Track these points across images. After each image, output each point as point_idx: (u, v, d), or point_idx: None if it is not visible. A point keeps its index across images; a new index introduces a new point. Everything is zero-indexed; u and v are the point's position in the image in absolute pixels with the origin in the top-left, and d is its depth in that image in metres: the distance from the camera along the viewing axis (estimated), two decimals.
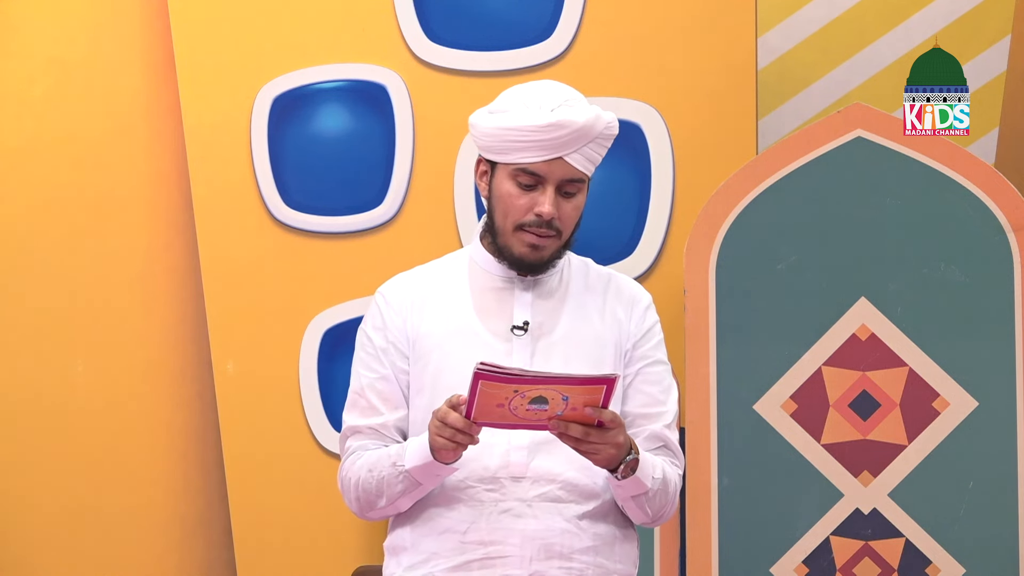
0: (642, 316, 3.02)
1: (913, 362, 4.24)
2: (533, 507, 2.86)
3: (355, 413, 2.97)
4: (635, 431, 2.95)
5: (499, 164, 2.91)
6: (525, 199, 2.89)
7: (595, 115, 2.88)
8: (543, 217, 2.88)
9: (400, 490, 2.86)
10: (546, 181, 2.88)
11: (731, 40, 4.53)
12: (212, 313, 4.55)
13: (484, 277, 2.97)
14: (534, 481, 2.87)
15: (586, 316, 2.97)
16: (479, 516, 2.86)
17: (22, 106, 4.60)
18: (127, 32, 4.60)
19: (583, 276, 3.02)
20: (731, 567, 4.24)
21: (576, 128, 2.86)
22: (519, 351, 2.90)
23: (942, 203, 4.26)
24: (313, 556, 4.52)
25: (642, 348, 3.00)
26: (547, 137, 2.85)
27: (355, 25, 4.57)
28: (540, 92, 2.90)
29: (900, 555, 4.22)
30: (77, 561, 4.55)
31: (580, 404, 2.71)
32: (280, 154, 4.57)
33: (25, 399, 4.56)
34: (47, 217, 4.58)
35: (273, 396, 4.55)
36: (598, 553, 2.90)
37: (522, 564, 2.85)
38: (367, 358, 2.98)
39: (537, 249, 2.91)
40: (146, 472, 4.56)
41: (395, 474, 2.85)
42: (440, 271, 3.01)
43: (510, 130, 2.87)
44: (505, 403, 2.69)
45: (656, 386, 2.99)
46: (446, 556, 2.87)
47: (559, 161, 2.87)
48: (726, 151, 4.51)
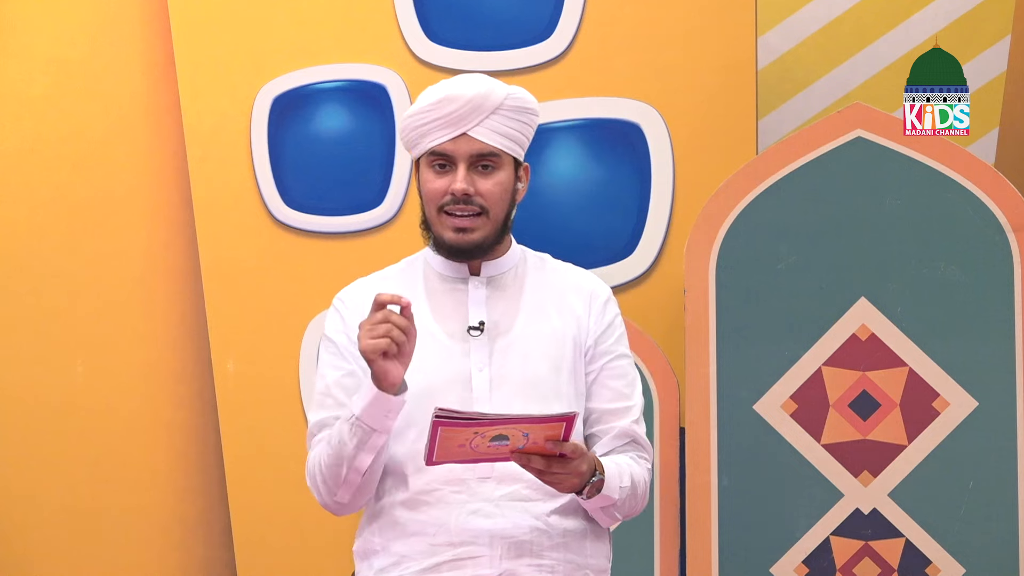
0: (601, 310, 3.01)
1: (913, 362, 4.24)
2: (501, 507, 2.87)
3: (322, 411, 2.95)
4: (603, 428, 2.95)
5: (420, 159, 2.95)
6: (440, 182, 2.92)
7: (488, 87, 2.91)
8: (457, 194, 2.90)
9: (355, 443, 2.82)
10: (456, 158, 2.91)
11: (731, 40, 4.53)
12: (212, 313, 4.55)
13: (438, 279, 2.98)
14: (500, 481, 2.87)
15: (543, 313, 2.96)
16: (447, 518, 2.86)
17: (22, 106, 4.60)
18: (127, 32, 4.61)
19: (540, 272, 3.01)
20: (731, 567, 4.24)
21: (467, 100, 2.89)
22: (476, 351, 2.90)
23: (942, 203, 4.26)
24: (313, 556, 4.52)
25: (604, 343, 2.99)
26: (441, 114, 2.89)
27: (355, 25, 4.58)
28: (444, 82, 2.95)
29: (900, 555, 4.22)
30: (77, 561, 4.55)
31: (541, 439, 2.71)
32: (280, 154, 4.57)
33: (25, 399, 4.56)
34: (47, 217, 4.58)
35: (273, 396, 4.55)
36: (568, 549, 2.90)
37: (492, 563, 2.85)
38: (331, 358, 2.97)
39: (464, 232, 2.92)
40: (146, 472, 4.56)
41: (347, 429, 2.82)
42: (396, 276, 3.03)
43: (412, 116, 2.93)
44: (466, 443, 2.70)
45: (621, 380, 2.98)
46: (416, 559, 2.87)
47: (464, 137, 2.90)
48: (726, 151, 4.51)
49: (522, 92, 2.95)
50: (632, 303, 4.49)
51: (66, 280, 4.58)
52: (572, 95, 4.49)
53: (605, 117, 4.51)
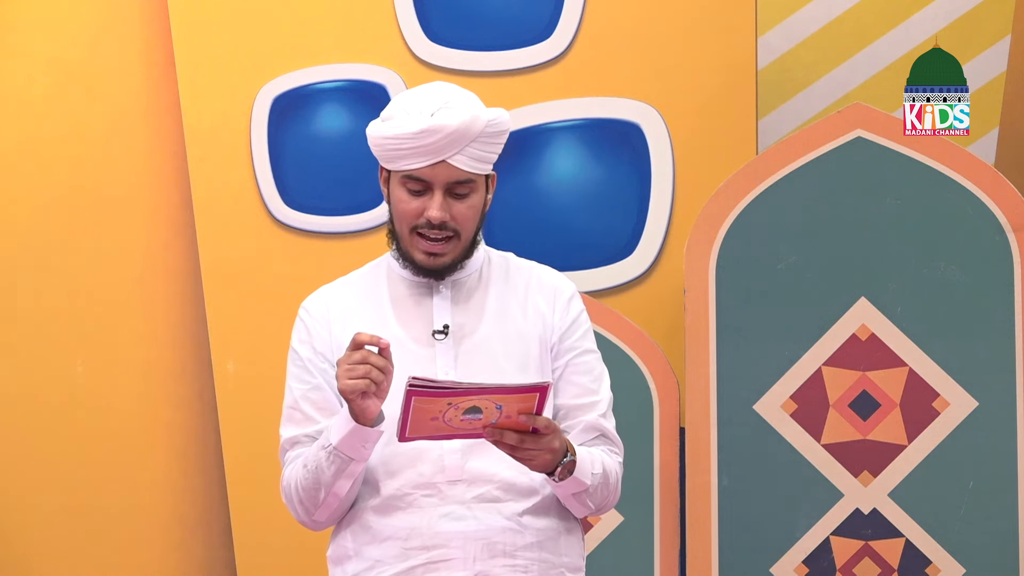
0: (565, 307, 3.00)
1: (913, 362, 4.24)
2: (472, 509, 2.87)
3: (291, 426, 2.96)
4: (571, 423, 2.95)
5: (392, 172, 2.92)
6: (415, 204, 2.89)
7: (471, 116, 2.86)
8: (432, 221, 2.88)
9: (333, 472, 2.82)
10: (433, 185, 2.88)
11: (731, 40, 4.53)
12: (212, 313, 4.55)
13: (401, 283, 2.97)
14: (470, 483, 2.87)
15: (508, 313, 2.96)
16: (419, 522, 2.86)
17: (22, 106, 4.60)
18: (127, 32, 4.61)
19: (503, 272, 3.01)
20: (731, 567, 4.24)
21: (450, 132, 2.84)
22: (442, 355, 2.90)
23: (942, 203, 4.26)
24: (313, 556, 4.51)
25: (569, 340, 2.98)
26: (423, 143, 2.85)
27: (355, 25, 4.58)
28: (422, 97, 2.89)
29: (900, 555, 4.22)
30: (77, 561, 4.55)
31: (514, 412, 2.71)
32: (280, 154, 4.57)
33: (25, 399, 4.56)
34: (47, 217, 4.58)
35: (273, 396, 4.52)
36: (542, 548, 2.90)
37: (466, 565, 2.85)
38: (297, 371, 2.97)
39: (436, 256, 2.91)
40: (146, 472, 4.56)
41: (324, 457, 2.82)
42: (360, 281, 3.01)
43: (391, 138, 2.88)
44: (439, 416, 2.69)
45: (587, 376, 2.98)
46: (390, 563, 2.87)
47: (443, 165, 2.87)
48: (726, 151, 4.51)
49: (500, 115, 2.91)
50: (632, 303, 4.49)
51: (66, 280, 4.58)
52: (572, 95, 4.49)
53: (605, 117, 4.51)
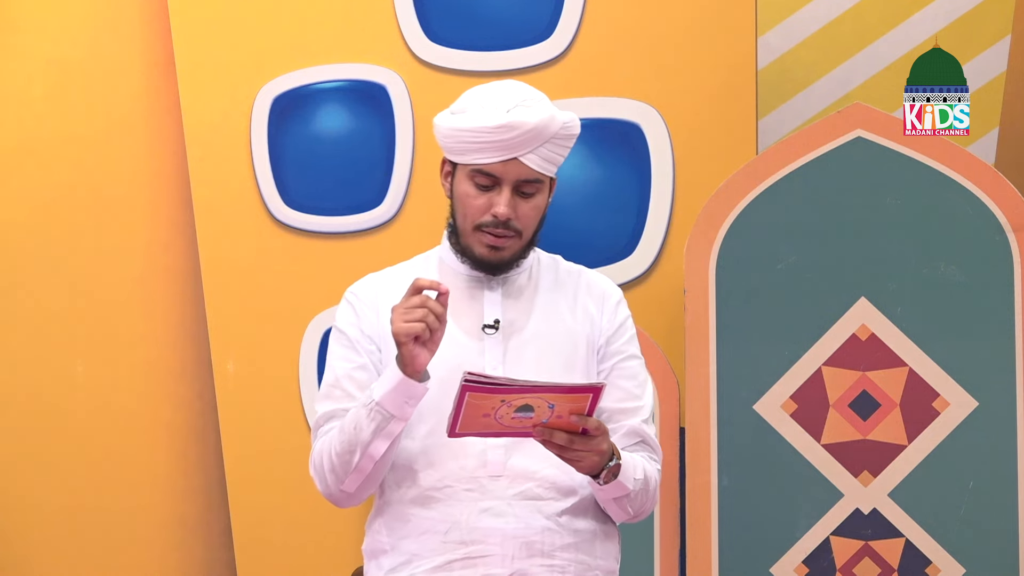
0: (613, 311, 3.01)
1: (913, 362, 4.24)
2: (513, 505, 2.86)
3: (329, 402, 2.93)
4: (613, 427, 2.94)
5: (459, 165, 2.92)
6: (482, 200, 2.89)
7: (549, 116, 2.88)
8: (499, 218, 2.88)
9: (372, 429, 2.80)
10: (502, 182, 2.88)
11: (731, 40, 4.53)
12: (212, 313, 4.55)
13: (453, 277, 2.96)
14: (512, 479, 2.86)
15: (557, 313, 2.96)
16: (459, 516, 2.85)
17: (22, 106, 4.60)
18: (127, 32, 4.61)
19: (553, 273, 3.02)
20: (731, 567, 4.24)
21: (528, 129, 2.85)
22: (491, 350, 2.90)
23: (942, 203, 4.26)
24: (313, 556, 4.52)
25: (615, 343, 2.99)
26: (500, 138, 2.86)
27: (355, 25, 4.58)
28: (498, 93, 2.90)
29: (900, 555, 4.23)
30: (77, 561, 4.55)
31: (566, 412, 2.71)
32: (280, 154, 4.57)
33: (25, 399, 4.56)
34: (47, 217, 4.58)
35: (273, 396, 4.55)
36: (579, 550, 2.89)
37: (504, 563, 2.84)
38: (342, 350, 2.94)
39: (496, 250, 2.91)
40: (146, 472, 4.56)
41: (365, 414, 2.80)
42: (410, 272, 3.00)
43: (465, 131, 2.87)
44: (491, 412, 2.68)
45: (631, 381, 2.98)
46: (427, 557, 2.86)
47: (514, 162, 2.87)
48: (726, 151, 4.51)
49: (573, 120, 2.93)
50: (632, 303, 4.44)
51: (66, 280, 4.58)
52: (572, 95, 4.48)
53: (605, 117, 4.50)
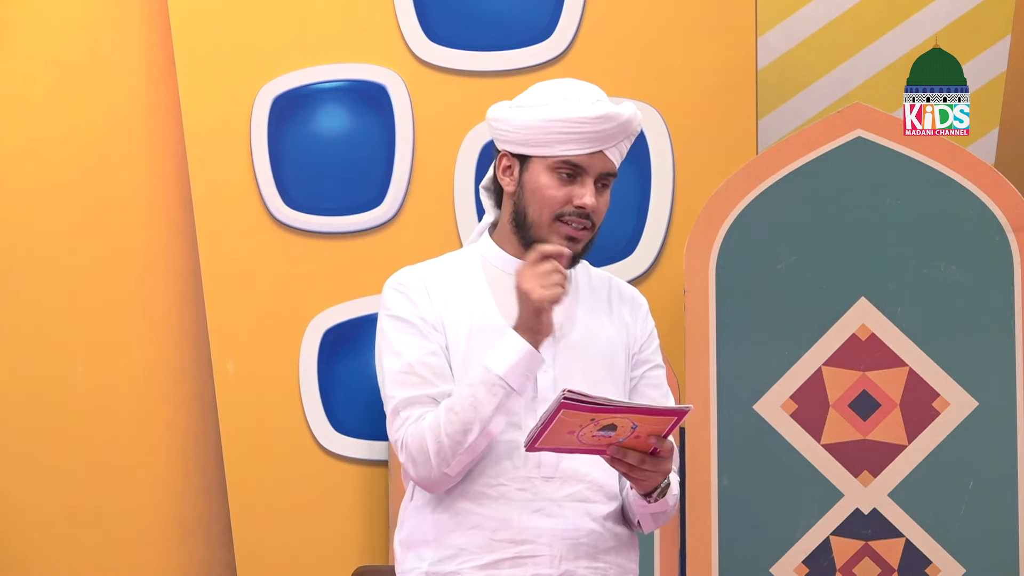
0: (644, 319, 3.03)
1: (913, 362, 4.24)
2: (563, 507, 2.86)
3: (406, 388, 2.86)
4: None
5: (533, 158, 2.89)
6: (564, 191, 2.89)
7: (634, 111, 2.91)
8: (585, 208, 2.89)
9: (494, 406, 2.77)
10: (586, 173, 2.89)
11: (731, 40, 4.53)
12: (212, 313, 4.54)
13: (501, 276, 2.93)
14: (563, 481, 2.86)
15: (597, 318, 2.97)
16: (511, 514, 2.84)
17: (22, 106, 4.59)
18: (127, 32, 4.60)
19: (586, 278, 3.01)
20: (731, 567, 4.24)
21: (622, 122, 2.88)
22: (543, 351, 2.86)
23: (942, 203, 4.26)
24: (313, 556, 4.52)
25: (646, 352, 3.01)
26: (596, 129, 2.86)
27: (355, 25, 4.57)
28: (575, 87, 2.91)
29: (900, 555, 4.23)
30: (77, 561, 4.55)
31: (645, 433, 2.72)
32: (280, 154, 4.57)
33: (25, 399, 4.56)
34: (47, 217, 4.58)
35: (273, 396, 4.55)
36: (619, 553, 2.91)
37: (553, 563, 2.84)
38: (408, 337, 2.88)
39: (574, 241, 2.90)
40: (146, 472, 4.56)
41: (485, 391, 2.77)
42: (450, 266, 2.97)
43: (556, 122, 2.86)
44: (576, 430, 2.69)
45: (657, 390, 3.00)
46: (476, 553, 2.84)
47: (600, 154, 2.89)
48: (726, 151, 4.52)
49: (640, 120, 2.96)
50: None
51: (66, 280, 4.57)
52: None
53: None
